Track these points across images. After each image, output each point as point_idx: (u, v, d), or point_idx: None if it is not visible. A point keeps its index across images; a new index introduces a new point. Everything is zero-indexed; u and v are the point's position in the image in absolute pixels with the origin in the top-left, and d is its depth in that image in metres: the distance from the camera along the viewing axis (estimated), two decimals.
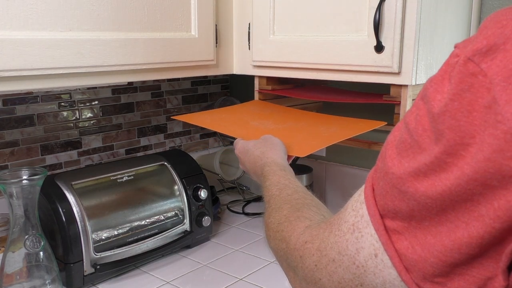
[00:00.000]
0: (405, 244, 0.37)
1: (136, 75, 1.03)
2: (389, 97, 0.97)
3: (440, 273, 0.36)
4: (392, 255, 0.38)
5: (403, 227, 0.38)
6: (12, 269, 0.91)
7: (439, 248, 0.35)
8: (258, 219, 1.40)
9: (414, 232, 0.37)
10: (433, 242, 0.36)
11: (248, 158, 0.84)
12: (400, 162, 0.37)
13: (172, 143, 1.56)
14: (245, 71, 1.20)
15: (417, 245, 0.37)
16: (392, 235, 0.38)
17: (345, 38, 0.98)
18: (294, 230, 0.53)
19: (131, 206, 1.09)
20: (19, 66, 0.83)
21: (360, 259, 0.41)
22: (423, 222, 0.36)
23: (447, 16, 0.99)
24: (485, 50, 0.33)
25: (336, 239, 0.44)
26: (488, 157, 0.32)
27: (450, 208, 0.34)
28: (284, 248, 0.54)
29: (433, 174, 0.35)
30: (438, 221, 0.35)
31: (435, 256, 0.35)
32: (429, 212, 0.35)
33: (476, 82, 0.33)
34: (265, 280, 1.04)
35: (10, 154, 1.18)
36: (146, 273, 1.08)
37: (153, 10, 1.02)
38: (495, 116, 0.31)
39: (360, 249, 0.41)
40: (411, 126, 0.37)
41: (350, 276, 0.42)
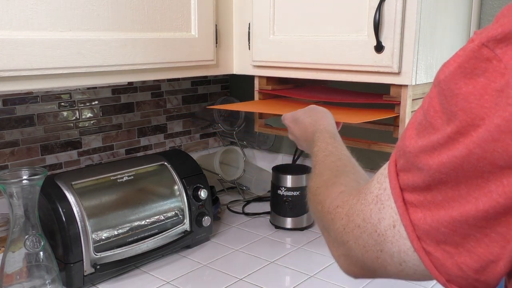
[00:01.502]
0: (419, 215, 0.41)
1: (136, 75, 1.03)
2: (389, 97, 0.97)
3: (450, 242, 0.39)
4: (406, 225, 0.42)
5: (419, 201, 0.41)
6: (12, 269, 0.91)
7: (448, 219, 0.39)
8: (258, 219, 1.40)
9: (428, 206, 0.40)
10: (443, 214, 0.39)
11: (299, 126, 0.89)
12: (416, 142, 0.41)
13: (172, 143, 1.56)
14: (245, 71, 1.20)
15: (428, 217, 0.40)
16: (409, 207, 0.42)
17: (345, 38, 0.98)
18: (329, 195, 0.58)
19: (131, 206, 1.09)
20: (19, 66, 0.83)
21: (381, 228, 0.45)
22: (437, 197, 0.39)
23: (447, 16, 0.99)
24: (500, 37, 0.34)
25: (362, 207, 0.48)
26: (497, 137, 0.34)
27: (463, 183, 0.37)
28: (320, 210, 0.59)
29: (444, 150, 0.38)
30: (451, 197, 0.38)
31: (445, 226, 0.39)
32: (443, 186, 0.39)
33: (491, 67, 0.34)
34: (265, 280, 1.04)
35: (10, 154, 1.18)
36: (146, 273, 1.08)
37: (153, 10, 1.02)
38: (506, 100, 0.33)
39: (382, 219, 0.45)
40: (425, 109, 0.41)
41: (373, 242, 0.46)
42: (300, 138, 0.89)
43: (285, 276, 1.07)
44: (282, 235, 1.29)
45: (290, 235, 1.29)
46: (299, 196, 1.30)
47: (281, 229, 1.32)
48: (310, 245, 1.23)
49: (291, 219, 1.31)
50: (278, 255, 1.16)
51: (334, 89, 1.26)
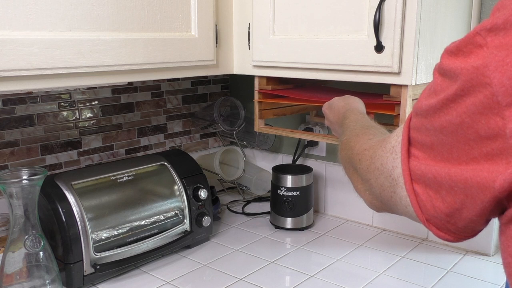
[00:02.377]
0: (415, 163, 0.50)
1: (136, 75, 1.03)
2: (389, 97, 0.97)
3: (432, 187, 0.48)
4: (404, 169, 0.51)
5: (421, 156, 0.49)
6: (12, 269, 0.91)
7: (436, 169, 0.47)
8: (258, 219, 1.40)
9: (427, 161, 0.48)
10: (434, 165, 0.47)
11: (333, 110, 0.96)
12: (425, 101, 0.48)
13: (172, 143, 1.56)
14: (245, 71, 1.20)
15: (423, 165, 0.48)
16: (411, 157, 0.50)
17: (345, 38, 0.98)
18: (359, 141, 0.69)
19: (131, 206, 1.09)
20: (19, 66, 0.83)
21: (394, 174, 0.54)
22: (436, 156, 0.47)
23: (447, 16, 0.99)
24: (489, 27, 0.41)
25: (381, 153, 0.57)
26: (481, 111, 0.41)
27: (455, 147, 0.44)
28: (349, 154, 0.69)
29: (447, 111, 0.44)
30: (446, 158, 0.45)
31: (432, 173, 0.47)
32: (441, 148, 0.46)
33: (480, 52, 0.41)
34: (265, 280, 1.04)
35: (10, 154, 1.18)
36: (146, 273, 1.08)
37: (153, 10, 1.02)
38: (483, 78, 0.40)
39: (395, 167, 0.53)
40: (432, 81, 0.48)
41: (388, 184, 0.55)
42: (333, 121, 0.95)
43: (285, 276, 1.07)
44: (282, 235, 1.29)
45: (290, 235, 1.29)
46: (299, 196, 1.30)
47: (281, 229, 1.32)
48: (310, 245, 1.23)
49: (291, 219, 1.31)
50: (278, 255, 1.16)
51: (334, 89, 1.26)
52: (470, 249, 1.20)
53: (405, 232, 1.30)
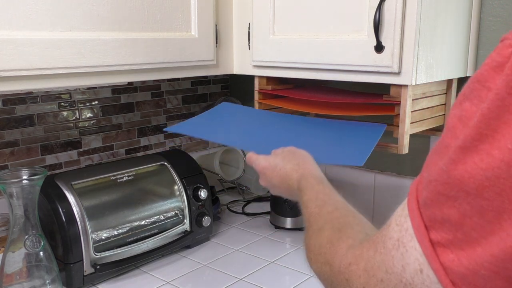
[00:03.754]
0: (450, 257, 0.35)
1: (136, 75, 1.03)
2: (389, 97, 0.97)
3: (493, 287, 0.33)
4: (437, 268, 0.36)
5: (448, 240, 0.36)
6: (12, 269, 0.91)
7: (488, 259, 0.33)
8: (258, 219, 1.40)
9: (460, 245, 0.35)
10: (481, 253, 0.33)
11: (278, 172, 0.80)
12: (440, 163, 0.36)
13: (172, 143, 1.56)
14: (245, 71, 1.20)
15: (464, 258, 0.34)
16: (437, 248, 0.36)
17: (345, 38, 0.98)
18: (337, 252, 0.52)
19: (131, 206, 1.09)
20: (19, 66, 0.83)
21: (406, 276, 0.39)
22: (472, 233, 0.34)
23: (447, 16, 0.99)
24: None
25: (382, 257, 0.42)
26: None
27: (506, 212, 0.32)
28: (327, 271, 0.53)
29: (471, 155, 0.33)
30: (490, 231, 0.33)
31: (486, 268, 0.33)
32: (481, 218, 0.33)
33: None
34: (265, 280, 1.04)
35: (10, 154, 1.18)
36: (146, 273, 1.08)
37: (153, 10, 1.02)
38: None
39: (406, 265, 0.39)
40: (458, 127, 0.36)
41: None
42: (279, 186, 0.80)
43: (285, 276, 1.07)
44: (282, 235, 1.29)
45: (290, 235, 1.29)
46: None
47: (281, 229, 1.32)
48: None
49: (291, 219, 1.31)
50: (278, 255, 1.16)
51: (334, 89, 1.26)
52: None
53: None
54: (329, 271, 0.52)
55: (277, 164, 0.81)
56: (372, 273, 0.43)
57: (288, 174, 0.78)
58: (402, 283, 0.40)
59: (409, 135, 0.97)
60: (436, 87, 1.05)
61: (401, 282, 0.40)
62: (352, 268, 0.47)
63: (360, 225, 0.57)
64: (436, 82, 1.02)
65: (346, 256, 0.49)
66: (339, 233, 0.55)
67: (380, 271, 0.42)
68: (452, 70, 1.04)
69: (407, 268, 0.39)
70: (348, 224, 0.58)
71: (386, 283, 0.41)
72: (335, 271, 0.50)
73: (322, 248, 0.55)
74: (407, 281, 0.39)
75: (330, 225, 0.59)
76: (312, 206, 0.66)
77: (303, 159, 0.79)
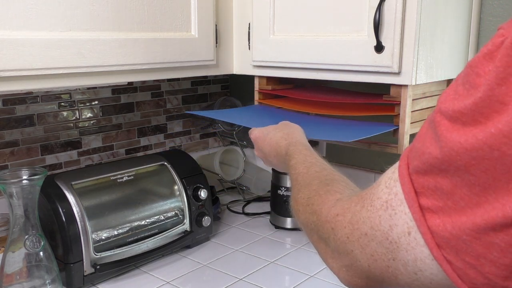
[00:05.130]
0: (437, 222, 0.38)
1: (136, 75, 1.03)
2: (389, 97, 0.97)
3: (471, 253, 0.36)
4: (424, 232, 0.39)
5: (437, 207, 0.38)
6: (12, 269, 0.91)
7: (470, 227, 0.36)
8: (258, 219, 1.40)
9: (449, 212, 0.37)
10: (465, 221, 0.36)
11: (269, 141, 0.85)
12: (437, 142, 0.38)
13: (172, 143, 1.56)
14: (245, 71, 1.20)
15: (448, 224, 0.37)
16: (426, 213, 0.39)
17: (345, 38, 0.98)
18: (325, 203, 0.54)
19: (131, 206, 1.09)
20: (19, 66, 0.83)
21: (393, 235, 0.42)
22: (460, 203, 0.36)
23: (447, 16, 0.99)
24: None
25: (368, 214, 0.45)
26: None
27: (491, 188, 0.34)
28: (315, 221, 0.55)
29: (465, 127, 0.35)
30: (476, 203, 0.35)
31: (467, 234, 0.36)
32: (469, 190, 0.36)
33: None
34: (265, 280, 1.04)
35: (10, 154, 1.18)
36: (146, 273, 1.08)
37: (153, 10, 1.02)
38: None
39: (394, 226, 0.42)
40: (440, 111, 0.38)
41: (383, 250, 0.43)
42: (269, 154, 0.84)
43: (285, 276, 1.07)
44: (282, 235, 1.29)
45: (290, 235, 1.29)
46: None
47: (281, 229, 1.32)
48: (310, 245, 1.22)
49: (291, 219, 1.31)
50: (278, 255, 1.16)
51: (334, 89, 1.26)
52: None
53: None
54: (316, 221, 0.54)
55: (268, 132, 0.86)
56: (356, 226, 0.46)
57: (278, 142, 0.82)
58: (387, 241, 0.42)
59: (409, 135, 0.97)
60: (436, 87, 1.05)
61: (386, 240, 0.42)
62: (339, 218, 0.49)
63: (346, 182, 0.61)
64: (436, 82, 1.02)
65: (334, 207, 0.52)
66: (327, 186, 0.59)
67: (364, 226, 0.45)
68: (452, 70, 1.04)
69: (394, 228, 0.42)
70: (335, 180, 0.61)
71: (370, 238, 0.44)
72: (322, 220, 0.53)
73: (311, 200, 0.58)
74: (393, 239, 0.42)
75: (318, 181, 0.62)
76: (300, 167, 0.69)
77: (292, 130, 0.84)
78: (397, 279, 0.44)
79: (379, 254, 0.44)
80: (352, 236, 0.47)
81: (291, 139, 0.80)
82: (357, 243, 0.46)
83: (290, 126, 0.86)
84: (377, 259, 0.44)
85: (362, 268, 0.46)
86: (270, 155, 0.85)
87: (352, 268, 0.48)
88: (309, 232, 0.58)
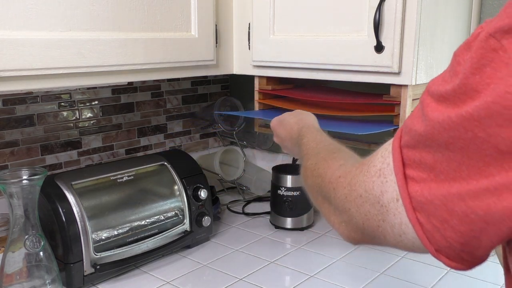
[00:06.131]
0: (416, 188, 0.43)
1: (136, 75, 1.03)
2: (389, 97, 0.97)
3: (438, 217, 0.42)
4: (404, 196, 0.44)
5: (420, 177, 0.43)
6: (12, 269, 0.91)
7: (442, 193, 0.41)
8: (258, 219, 1.40)
9: (429, 183, 0.42)
10: (440, 190, 0.41)
11: (284, 127, 0.91)
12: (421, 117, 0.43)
13: (172, 143, 1.56)
14: (245, 71, 1.20)
15: (425, 190, 0.42)
16: (409, 181, 0.44)
17: (345, 38, 0.98)
18: (330, 167, 0.62)
19: (131, 206, 1.09)
20: (19, 66, 0.83)
21: (383, 200, 0.47)
22: (440, 176, 0.41)
23: (447, 16, 0.99)
24: (506, 28, 0.35)
25: (364, 178, 0.50)
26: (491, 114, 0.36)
27: (465, 164, 0.39)
28: (319, 183, 0.62)
29: (447, 105, 0.40)
30: (453, 177, 0.40)
31: (439, 199, 0.41)
32: (448, 166, 0.40)
33: (497, 57, 0.36)
34: (265, 280, 1.04)
35: (10, 154, 1.18)
36: (146, 273, 1.08)
37: (153, 10, 1.02)
38: (505, 87, 0.35)
39: (384, 192, 0.47)
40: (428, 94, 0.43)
41: (375, 212, 0.49)
42: (285, 138, 0.91)
43: (285, 276, 1.07)
44: (282, 235, 1.29)
45: (290, 235, 1.29)
46: (299, 196, 1.30)
47: (281, 229, 1.32)
48: (310, 245, 1.23)
49: (291, 219, 1.31)
50: (278, 255, 1.16)
51: (334, 89, 1.26)
52: None
53: None
54: (321, 182, 0.62)
55: (284, 119, 0.93)
56: (354, 188, 0.52)
57: (292, 126, 0.89)
58: (379, 204, 0.48)
59: None
60: None
61: (378, 203, 0.48)
62: (340, 180, 0.56)
63: (352, 154, 0.67)
64: None
65: (338, 170, 0.58)
66: (333, 154, 0.66)
67: (360, 188, 0.51)
68: None
69: (385, 194, 0.47)
70: (342, 151, 0.69)
71: (364, 199, 0.50)
72: (326, 181, 0.60)
73: (317, 165, 0.65)
74: (383, 203, 0.47)
75: (325, 150, 0.70)
76: (311, 143, 0.76)
77: (305, 116, 0.91)
78: (385, 238, 0.49)
79: (371, 214, 0.49)
80: (349, 196, 0.53)
81: (303, 123, 0.87)
82: (353, 203, 0.52)
83: (304, 113, 0.93)
84: (370, 218, 0.50)
85: (357, 224, 0.52)
86: (285, 140, 0.91)
87: (349, 224, 0.54)
88: (315, 195, 0.65)
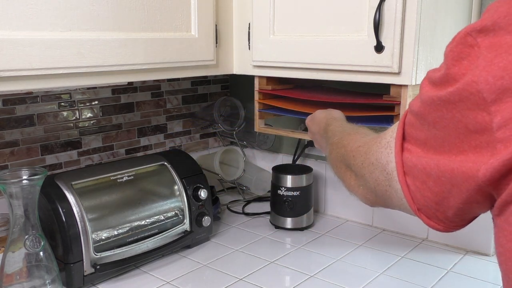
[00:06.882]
0: (408, 157, 0.53)
1: (136, 75, 1.03)
2: (389, 97, 0.97)
3: (420, 179, 0.51)
4: (398, 162, 0.54)
5: (414, 150, 0.52)
6: (12, 269, 0.91)
7: (425, 162, 0.50)
8: (258, 219, 1.40)
9: (420, 154, 0.51)
10: (426, 159, 0.50)
11: (315, 121, 0.99)
12: (419, 100, 0.51)
13: (172, 143, 1.56)
14: (245, 71, 1.20)
15: (414, 158, 0.52)
16: (404, 152, 0.54)
17: (345, 38, 0.98)
18: (352, 139, 0.73)
19: (131, 206, 1.09)
20: (19, 66, 0.83)
21: (388, 168, 0.57)
22: (430, 150, 0.50)
23: (447, 16, 0.99)
24: (479, 28, 0.44)
25: (376, 148, 0.60)
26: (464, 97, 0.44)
27: (447, 141, 0.47)
28: (342, 153, 0.73)
29: (439, 104, 0.47)
30: (438, 151, 0.48)
31: (422, 164, 0.50)
32: (435, 142, 0.48)
33: (472, 52, 0.44)
34: (265, 280, 1.04)
35: (10, 154, 1.18)
36: (146, 273, 1.08)
37: (153, 10, 1.02)
38: (472, 77, 0.43)
39: (390, 162, 0.56)
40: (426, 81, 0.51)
41: (383, 178, 0.58)
42: (316, 132, 0.97)
43: (285, 276, 1.07)
44: (282, 235, 1.29)
45: (290, 235, 1.29)
46: (299, 196, 1.30)
47: (281, 229, 1.32)
48: (310, 245, 1.23)
49: (291, 219, 1.31)
50: (278, 255, 1.16)
51: (334, 89, 1.26)
52: (470, 249, 1.20)
53: (405, 232, 1.30)
54: (344, 152, 0.72)
55: (315, 116, 1.01)
56: (368, 156, 0.62)
57: (321, 120, 0.96)
58: (385, 172, 0.57)
59: None
60: None
61: (384, 171, 0.58)
62: (360, 149, 0.66)
63: (371, 131, 0.77)
64: None
65: (358, 141, 0.69)
66: (357, 129, 0.79)
67: (372, 157, 0.61)
68: None
69: (390, 163, 0.56)
70: (363, 128, 0.80)
71: (375, 166, 0.60)
72: (348, 150, 0.70)
73: (342, 139, 0.76)
74: (388, 171, 0.57)
75: (350, 127, 0.82)
76: (337, 128, 0.85)
77: (335, 112, 0.99)
78: (392, 201, 0.58)
79: (380, 180, 0.59)
80: (364, 163, 0.63)
81: (331, 116, 0.95)
82: (367, 169, 0.62)
83: (333, 110, 1.01)
84: (379, 183, 0.59)
85: (371, 188, 0.62)
86: (316, 134, 0.98)
87: (365, 187, 0.64)
88: (338, 164, 0.75)
